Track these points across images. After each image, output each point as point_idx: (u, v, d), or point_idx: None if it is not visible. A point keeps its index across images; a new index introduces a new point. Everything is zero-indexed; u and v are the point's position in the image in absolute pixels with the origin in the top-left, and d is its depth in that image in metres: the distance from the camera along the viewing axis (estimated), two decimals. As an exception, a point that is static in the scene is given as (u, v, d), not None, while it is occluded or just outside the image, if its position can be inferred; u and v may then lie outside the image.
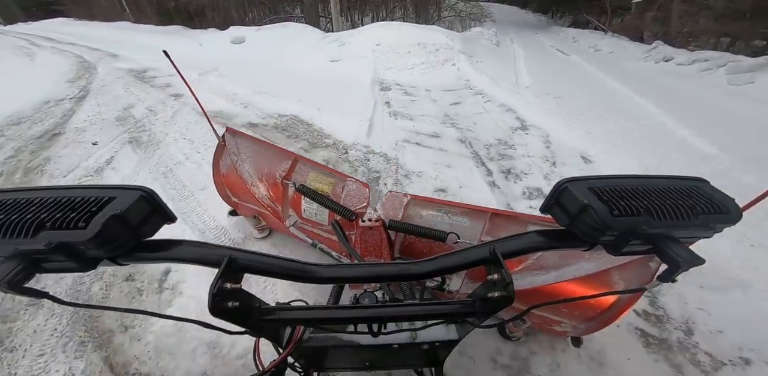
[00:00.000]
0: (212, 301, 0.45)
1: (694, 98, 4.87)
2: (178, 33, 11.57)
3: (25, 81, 5.69)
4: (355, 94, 4.97)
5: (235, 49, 8.57)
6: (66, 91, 5.27)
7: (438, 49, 7.02)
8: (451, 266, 0.52)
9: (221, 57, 7.80)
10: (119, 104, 4.62)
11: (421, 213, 1.31)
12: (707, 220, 0.43)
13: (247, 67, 6.65)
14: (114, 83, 5.60)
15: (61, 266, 0.42)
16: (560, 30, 13.73)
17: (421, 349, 0.70)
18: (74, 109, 4.47)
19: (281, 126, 3.91)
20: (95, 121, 4.06)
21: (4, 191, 0.45)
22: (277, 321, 0.57)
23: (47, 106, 4.60)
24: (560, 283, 1.07)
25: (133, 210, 0.43)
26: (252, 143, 1.80)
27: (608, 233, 0.44)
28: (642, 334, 1.52)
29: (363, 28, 8.24)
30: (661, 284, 0.47)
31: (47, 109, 4.52)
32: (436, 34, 7.58)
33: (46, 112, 4.41)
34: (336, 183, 1.54)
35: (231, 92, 5.06)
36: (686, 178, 0.50)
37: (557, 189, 0.49)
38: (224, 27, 10.11)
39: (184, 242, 0.51)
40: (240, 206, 2.06)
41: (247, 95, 4.93)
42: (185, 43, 9.64)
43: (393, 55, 6.82)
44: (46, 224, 0.40)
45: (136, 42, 10.07)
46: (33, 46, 9.55)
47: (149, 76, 6.08)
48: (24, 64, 7.02)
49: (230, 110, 4.38)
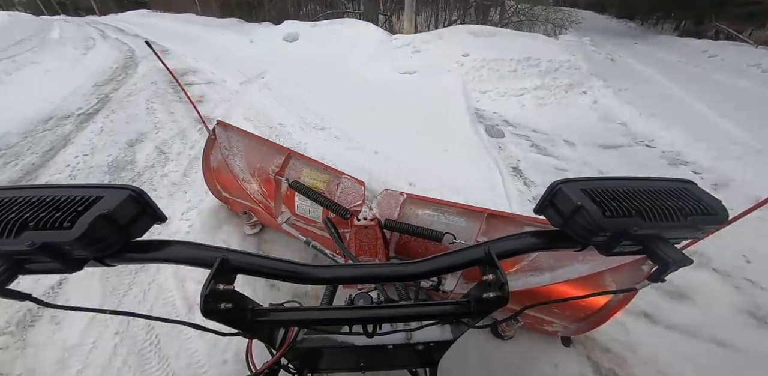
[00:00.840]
0: (204, 303, 0.44)
1: None
2: (233, 27, 11.11)
3: (50, 83, 4.94)
4: (454, 139, 3.35)
5: (288, 47, 7.60)
6: (82, 101, 4.28)
7: (557, 68, 4.92)
8: (447, 266, 0.52)
9: (271, 58, 6.79)
10: (128, 132, 3.42)
11: (417, 212, 1.30)
12: (695, 221, 0.45)
13: (299, 74, 5.46)
14: (142, 92, 4.65)
15: (46, 268, 0.41)
16: (671, 40, 10.57)
17: (415, 349, 0.70)
18: (70, 138, 3.28)
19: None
20: (81, 168, 2.79)
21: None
22: (271, 322, 0.56)
23: (41, 130, 3.46)
24: (554, 285, 1.08)
25: (122, 210, 0.42)
26: (244, 137, 1.76)
27: (600, 234, 0.44)
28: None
29: (443, 32, 6.34)
30: (650, 283, 0.49)
31: (39, 134, 3.37)
32: (551, 47, 5.47)
33: (32, 140, 3.24)
34: (331, 180, 1.51)
35: (275, 122, 3.62)
36: (675, 180, 0.51)
37: (551, 190, 0.50)
38: (279, 21, 9.79)
39: (174, 242, 0.50)
40: (231, 202, 2.02)
41: (295, 130, 3.45)
42: (235, 39, 9.01)
43: (489, 73, 4.92)
44: (29, 224, 0.38)
45: (190, 35, 9.91)
46: (101, 37, 9.53)
47: (185, 82, 5.08)
48: (71, 59, 6.55)
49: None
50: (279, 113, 3.84)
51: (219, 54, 7.42)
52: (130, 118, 3.80)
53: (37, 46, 7.70)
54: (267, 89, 4.64)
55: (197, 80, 5.22)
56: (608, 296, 1.09)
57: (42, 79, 5.14)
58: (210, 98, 4.35)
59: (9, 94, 4.43)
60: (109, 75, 5.59)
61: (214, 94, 4.56)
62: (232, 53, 7.55)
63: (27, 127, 3.50)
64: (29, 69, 5.64)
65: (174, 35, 10.07)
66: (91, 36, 9.72)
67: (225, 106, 4.03)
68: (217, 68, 5.96)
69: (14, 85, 4.84)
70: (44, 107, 4.00)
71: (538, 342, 1.43)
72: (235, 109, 3.91)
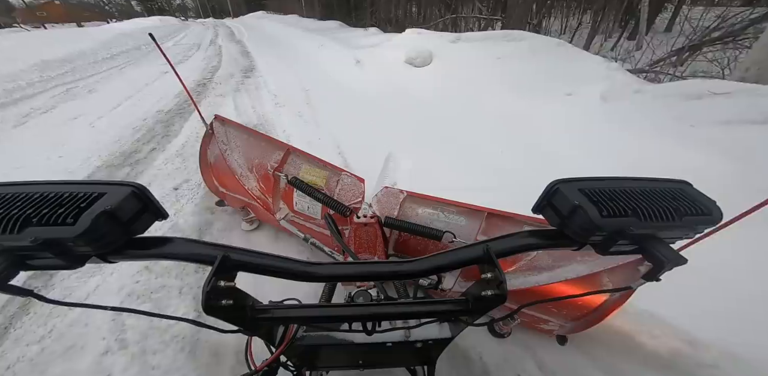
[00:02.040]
0: (206, 299, 0.44)
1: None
2: (334, 32, 9.69)
3: (47, 157, 2.99)
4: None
5: (420, 80, 4.29)
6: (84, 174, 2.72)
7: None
8: (447, 264, 0.53)
9: (399, 103, 3.98)
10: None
11: (417, 210, 1.30)
12: (690, 221, 0.46)
13: (466, 164, 2.69)
14: (186, 163, 2.87)
15: (48, 263, 0.41)
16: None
17: (414, 347, 0.70)
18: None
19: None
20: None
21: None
22: (271, 319, 0.56)
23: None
24: (551, 284, 1.09)
25: (124, 206, 0.42)
26: (242, 132, 1.75)
27: (597, 233, 0.45)
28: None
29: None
30: (646, 282, 0.50)
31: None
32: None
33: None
34: (330, 176, 1.51)
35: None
36: (672, 181, 0.52)
37: (549, 190, 0.50)
38: (388, 26, 8.57)
39: (176, 239, 0.50)
40: (228, 197, 2.01)
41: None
42: (337, 55, 6.34)
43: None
44: (32, 220, 0.38)
45: (288, 45, 9.18)
46: (208, 44, 10.48)
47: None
48: (139, 86, 5.35)
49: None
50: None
51: (314, 83, 5.09)
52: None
53: (134, 60, 7.78)
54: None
55: (272, 129, 3.38)
56: (604, 296, 1.10)
57: (50, 139, 3.38)
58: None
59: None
60: (157, 131, 3.58)
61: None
62: (332, 80, 5.15)
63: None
64: (58, 113, 4.10)
65: (271, 43, 9.80)
66: (199, 43, 10.89)
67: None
68: (310, 128, 3.49)
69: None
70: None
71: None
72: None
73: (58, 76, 6.21)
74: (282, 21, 13.96)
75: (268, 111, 4.02)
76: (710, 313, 1.39)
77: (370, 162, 2.60)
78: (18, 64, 6.36)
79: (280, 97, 4.43)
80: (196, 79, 5.88)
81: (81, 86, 5.56)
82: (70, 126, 3.79)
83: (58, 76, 6.21)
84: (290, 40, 10.19)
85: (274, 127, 3.57)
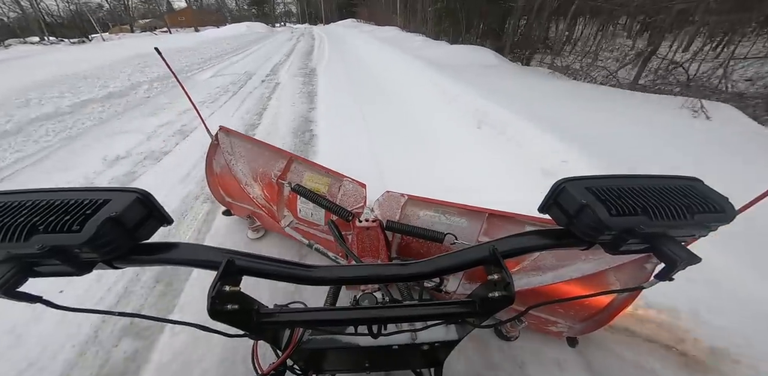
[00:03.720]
0: (211, 304, 0.44)
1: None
2: (486, 76, 5.13)
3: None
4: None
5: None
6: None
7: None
8: (452, 266, 0.52)
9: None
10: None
11: (419, 213, 1.31)
12: (703, 219, 0.44)
13: None
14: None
15: (56, 270, 0.41)
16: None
17: (420, 350, 0.70)
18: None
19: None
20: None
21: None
22: (277, 323, 0.56)
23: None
24: (557, 284, 1.08)
25: (129, 213, 0.43)
26: (246, 142, 1.78)
27: (606, 233, 0.44)
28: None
29: None
30: (658, 282, 0.48)
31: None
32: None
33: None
34: (332, 183, 1.52)
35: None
36: (682, 178, 0.51)
37: (555, 189, 0.50)
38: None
39: (181, 244, 0.50)
40: (234, 206, 2.03)
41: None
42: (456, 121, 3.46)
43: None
44: (39, 228, 0.39)
45: (394, 93, 5.07)
46: (264, 79, 6.96)
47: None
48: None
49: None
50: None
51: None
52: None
53: (153, 96, 5.69)
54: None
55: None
56: (612, 295, 1.09)
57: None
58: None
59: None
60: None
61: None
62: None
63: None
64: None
65: (366, 90, 5.44)
66: (252, 72, 7.57)
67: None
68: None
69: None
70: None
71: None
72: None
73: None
74: (377, 35, 10.02)
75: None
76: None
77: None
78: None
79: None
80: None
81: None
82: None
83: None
84: (399, 82, 5.47)
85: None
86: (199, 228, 2.25)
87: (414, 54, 7.11)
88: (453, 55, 7.08)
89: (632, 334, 1.42)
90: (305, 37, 14.72)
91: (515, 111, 3.23)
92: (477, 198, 1.41)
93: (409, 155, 3.06)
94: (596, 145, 2.57)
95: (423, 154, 3.05)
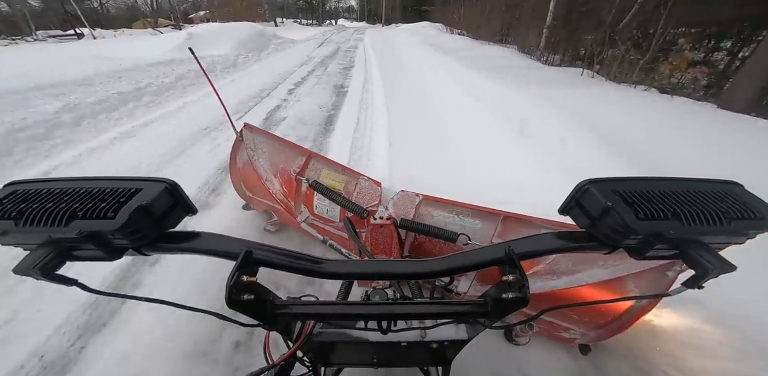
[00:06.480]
0: (229, 293, 0.46)
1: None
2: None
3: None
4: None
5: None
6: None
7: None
8: (465, 265, 0.52)
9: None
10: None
11: (433, 213, 1.31)
12: (740, 226, 0.42)
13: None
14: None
15: (90, 255, 0.44)
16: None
17: (429, 347, 0.70)
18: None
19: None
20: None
21: (40, 180, 0.47)
22: (290, 315, 0.58)
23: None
24: (571, 289, 1.06)
25: (158, 202, 0.45)
26: (268, 139, 1.83)
27: (632, 237, 0.43)
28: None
29: None
30: (685, 289, 0.46)
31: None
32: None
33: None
34: (348, 181, 1.55)
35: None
36: (719, 182, 0.49)
37: (578, 190, 0.48)
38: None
39: (203, 234, 0.52)
40: (254, 201, 2.09)
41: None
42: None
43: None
44: (78, 214, 0.41)
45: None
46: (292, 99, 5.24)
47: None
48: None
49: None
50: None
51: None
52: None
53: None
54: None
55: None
56: (630, 302, 1.05)
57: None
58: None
59: None
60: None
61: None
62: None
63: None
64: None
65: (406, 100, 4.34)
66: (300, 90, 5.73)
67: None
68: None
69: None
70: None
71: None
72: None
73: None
74: (444, 50, 6.86)
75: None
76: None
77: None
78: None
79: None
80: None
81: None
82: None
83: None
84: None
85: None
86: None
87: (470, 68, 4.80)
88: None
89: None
90: (338, 60, 8.75)
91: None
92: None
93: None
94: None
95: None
